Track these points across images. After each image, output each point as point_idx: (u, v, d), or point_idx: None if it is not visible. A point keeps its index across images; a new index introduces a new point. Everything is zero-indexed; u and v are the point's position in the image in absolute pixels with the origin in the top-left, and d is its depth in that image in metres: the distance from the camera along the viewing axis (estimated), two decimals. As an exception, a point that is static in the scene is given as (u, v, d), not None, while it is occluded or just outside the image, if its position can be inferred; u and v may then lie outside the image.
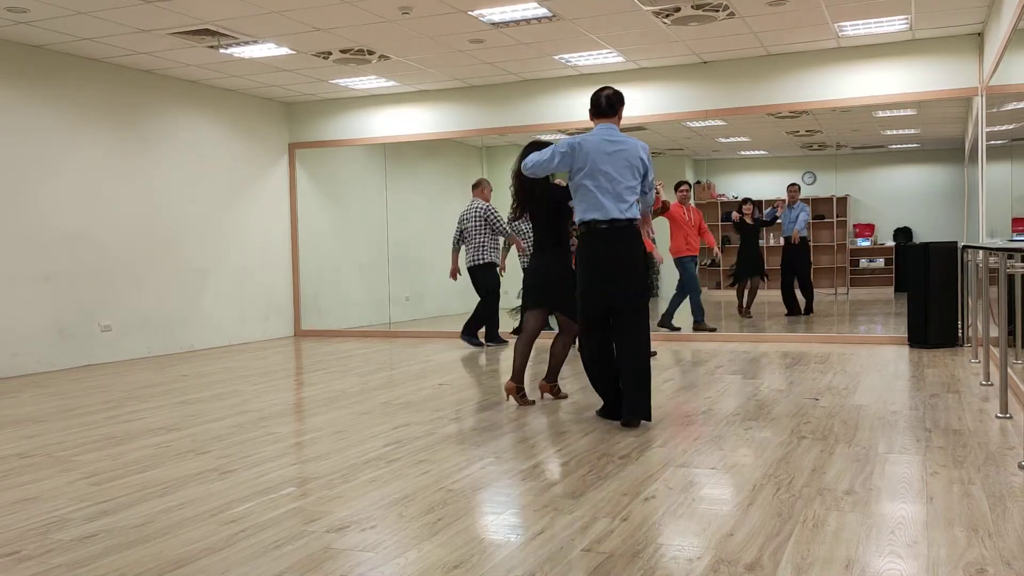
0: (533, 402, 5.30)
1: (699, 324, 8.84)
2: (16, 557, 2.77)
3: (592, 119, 4.75)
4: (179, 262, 8.82)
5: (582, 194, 4.62)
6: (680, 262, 8.78)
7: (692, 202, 9.01)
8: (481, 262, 8.51)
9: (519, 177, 5.05)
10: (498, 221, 8.48)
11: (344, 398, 5.70)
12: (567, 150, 4.63)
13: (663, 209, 7.34)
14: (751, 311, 10.02)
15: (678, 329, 8.80)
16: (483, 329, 8.85)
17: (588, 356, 4.72)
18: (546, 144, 5.10)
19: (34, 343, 7.40)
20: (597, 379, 4.75)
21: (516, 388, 5.25)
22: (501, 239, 8.73)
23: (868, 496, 3.17)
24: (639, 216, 4.69)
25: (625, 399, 4.56)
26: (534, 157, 4.79)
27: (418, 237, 11.17)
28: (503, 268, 8.72)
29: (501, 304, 8.82)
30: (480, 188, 8.77)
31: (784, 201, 9.96)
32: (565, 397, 5.46)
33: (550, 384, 5.41)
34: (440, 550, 2.72)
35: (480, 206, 8.60)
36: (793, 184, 9.93)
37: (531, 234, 8.26)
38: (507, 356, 7.73)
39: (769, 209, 10.31)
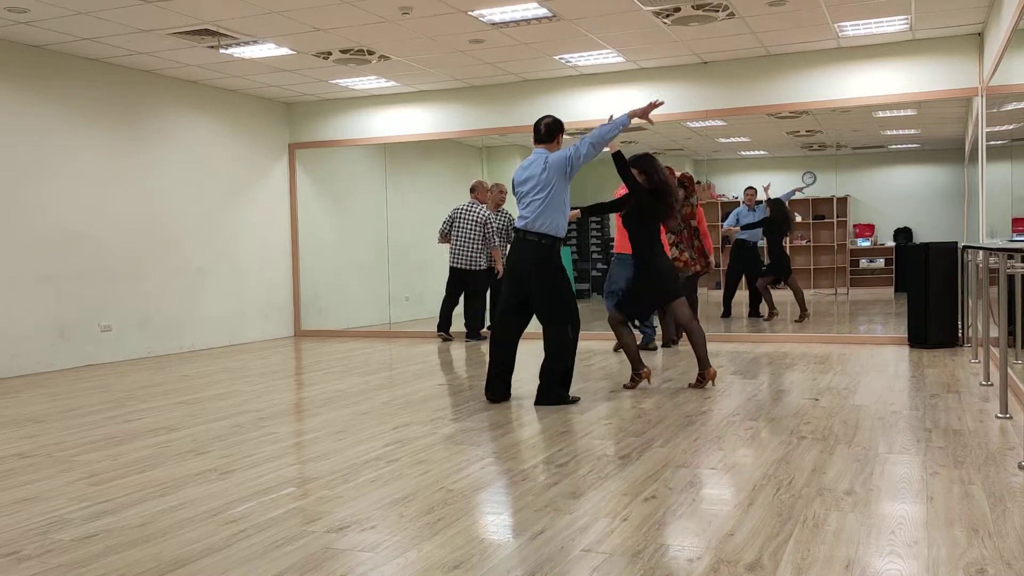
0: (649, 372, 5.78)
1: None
2: (16, 557, 2.77)
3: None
4: (179, 262, 8.82)
5: None
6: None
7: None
8: (475, 267, 8.78)
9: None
10: (491, 234, 8.78)
11: (344, 398, 5.70)
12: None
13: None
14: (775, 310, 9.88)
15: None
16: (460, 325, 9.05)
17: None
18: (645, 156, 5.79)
19: (34, 343, 7.40)
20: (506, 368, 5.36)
21: (647, 372, 5.73)
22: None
23: (868, 496, 3.17)
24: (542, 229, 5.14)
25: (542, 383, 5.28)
26: None
27: (418, 237, 11.16)
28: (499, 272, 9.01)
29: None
30: (477, 191, 8.97)
31: (754, 191, 9.90)
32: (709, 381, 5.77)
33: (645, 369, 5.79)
34: (440, 550, 2.72)
35: (481, 214, 8.78)
36: (751, 188, 9.90)
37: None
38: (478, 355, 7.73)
39: (726, 223, 10.08)
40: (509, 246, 9.03)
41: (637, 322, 8.18)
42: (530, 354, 7.80)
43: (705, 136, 10.40)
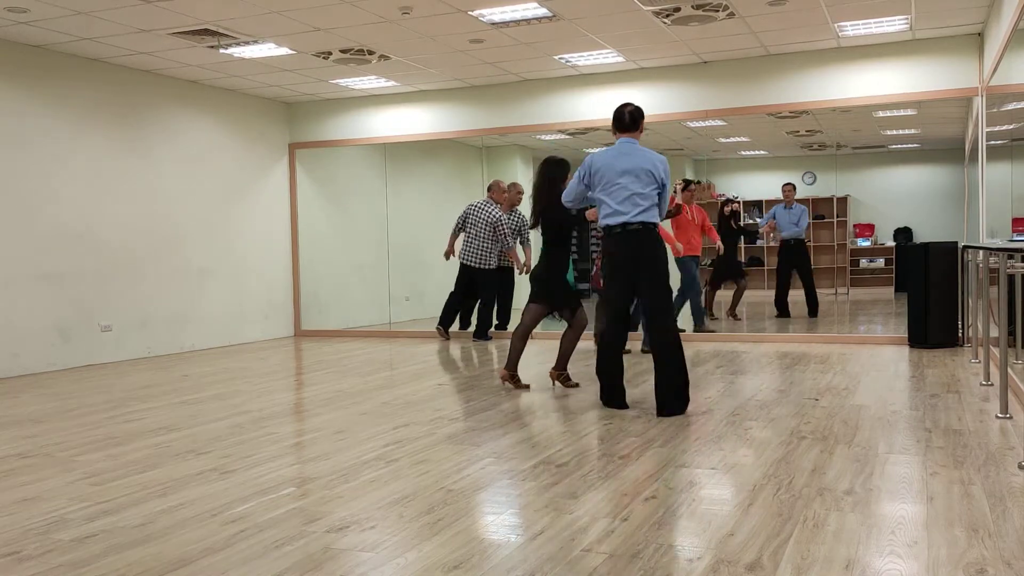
0: (528, 386, 5.83)
1: (699, 326, 8.81)
2: (16, 557, 2.77)
3: (615, 133, 5.13)
4: (179, 262, 8.82)
5: (600, 204, 5.04)
6: (681, 262, 8.64)
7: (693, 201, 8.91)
8: (485, 266, 8.79)
9: (538, 190, 5.60)
10: (503, 235, 8.77)
11: (344, 398, 5.70)
12: (583, 172, 5.09)
13: (675, 212, 7.34)
14: (737, 312, 9.96)
15: (682, 331, 8.76)
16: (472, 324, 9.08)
17: (611, 346, 5.04)
18: (561, 161, 5.72)
19: (34, 343, 7.41)
20: (614, 368, 5.04)
21: (510, 375, 5.80)
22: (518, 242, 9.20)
23: (868, 496, 3.17)
24: (656, 220, 5.00)
25: (670, 389, 4.82)
26: (567, 193, 5.28)
27: (418, 237, 11.16)
28: (522, 269, 9.11)
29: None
30: (492, 190, 8.98)
31: (767, 229, 10.01)
32: (576, 385, 5.81)
33: (558, 372, 5.80)
34: (440, 550, 2.72)
35: (492, 213, 8.79)
36: (789, 184, 9.89)
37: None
38: (499, 354, 7.73)
39: (761, 220, 10.14)
40: (520, 246, 9.15)
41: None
42: (533, 353, 7.80)
43: (705, 136, 10.39)
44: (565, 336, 5.70)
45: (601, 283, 5.37)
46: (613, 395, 5.05)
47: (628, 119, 5.04)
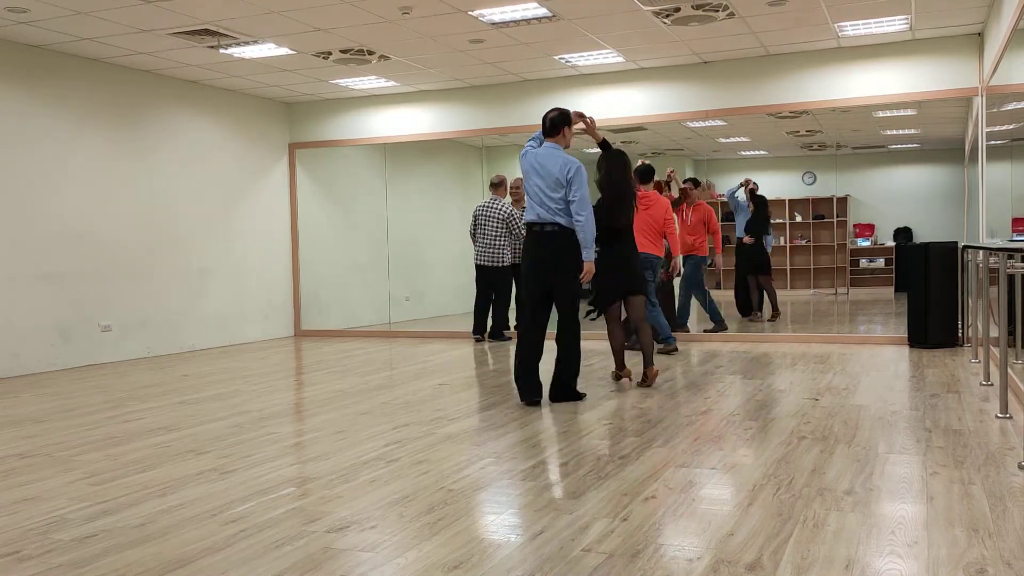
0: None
1: (680, 326, 8.72)
2: (16, 557, 2.77)
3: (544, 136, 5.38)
4: (179, 262, 8.82)
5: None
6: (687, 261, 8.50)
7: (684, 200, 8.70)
8: (498, 264, 8.69)
9: (611, 185, 5.73)
10: (517, 229, 8.69)
11: (344, 398, 5.70)
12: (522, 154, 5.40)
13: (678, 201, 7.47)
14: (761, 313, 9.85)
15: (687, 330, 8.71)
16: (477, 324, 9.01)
17: (525, 338, 5.26)
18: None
19: (34, 343, 7.41)
20: (530, 363, 5.24)
21: (628, 371, 5.99)
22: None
23: (868, 496, 3.17)
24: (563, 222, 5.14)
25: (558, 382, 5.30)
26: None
27: (418, 237, 11.17)
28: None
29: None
30: (499, 187, 8.91)
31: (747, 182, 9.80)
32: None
33: (651, 369, 5.89)
34: (440, 550, 2.72)
35: (503, 209, 8.73)
36: (754, 185, 9.78)
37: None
38: (505, 353, 7.74)
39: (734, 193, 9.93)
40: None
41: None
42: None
43: (705, 136, 10.39)
44: (642, 334, 5.86)
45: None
46: (523, 388, 5.23)
47: (548, 125, 5.28)
